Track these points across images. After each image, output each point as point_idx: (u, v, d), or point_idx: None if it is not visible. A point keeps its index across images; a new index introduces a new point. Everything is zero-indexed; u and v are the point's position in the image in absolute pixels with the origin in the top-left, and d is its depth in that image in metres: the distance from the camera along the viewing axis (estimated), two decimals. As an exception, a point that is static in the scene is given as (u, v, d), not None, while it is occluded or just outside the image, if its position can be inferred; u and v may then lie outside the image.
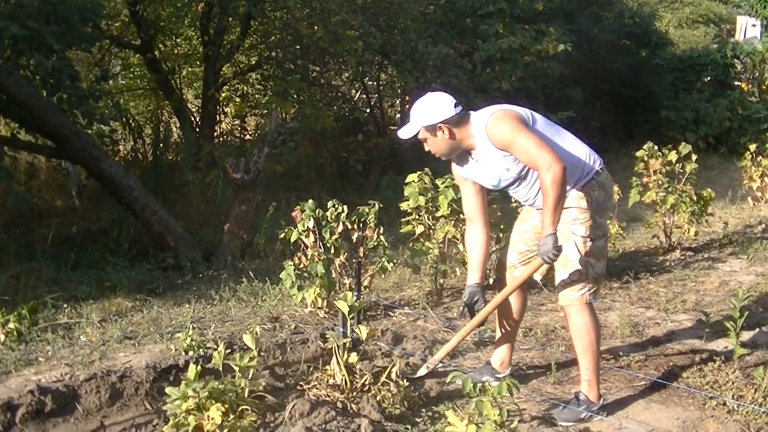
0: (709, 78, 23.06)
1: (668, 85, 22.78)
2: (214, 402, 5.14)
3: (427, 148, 5.86)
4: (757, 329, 7.67)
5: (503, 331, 6.40)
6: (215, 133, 17.84)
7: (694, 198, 10.60)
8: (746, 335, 7.16)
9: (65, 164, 14.01)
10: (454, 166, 6.07)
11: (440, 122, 5.62)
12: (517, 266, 6.14)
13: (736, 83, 23.04)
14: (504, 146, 5.48)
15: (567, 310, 5.82)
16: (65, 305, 8.34)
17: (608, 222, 5.76)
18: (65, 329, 7.70)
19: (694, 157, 10.87)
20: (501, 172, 5.68)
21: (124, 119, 16.39)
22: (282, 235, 8.22)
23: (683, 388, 6.22)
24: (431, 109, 5.67)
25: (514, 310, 6.32)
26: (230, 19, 16.46)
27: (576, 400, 5.84)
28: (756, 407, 5.75)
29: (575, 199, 5.60)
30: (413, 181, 8.76)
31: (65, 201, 14.26)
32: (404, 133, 5.82)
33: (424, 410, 5.79)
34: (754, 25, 30.25)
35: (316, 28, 16.44)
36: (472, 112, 5.72)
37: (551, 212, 5.29)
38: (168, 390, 5.39)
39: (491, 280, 7.71)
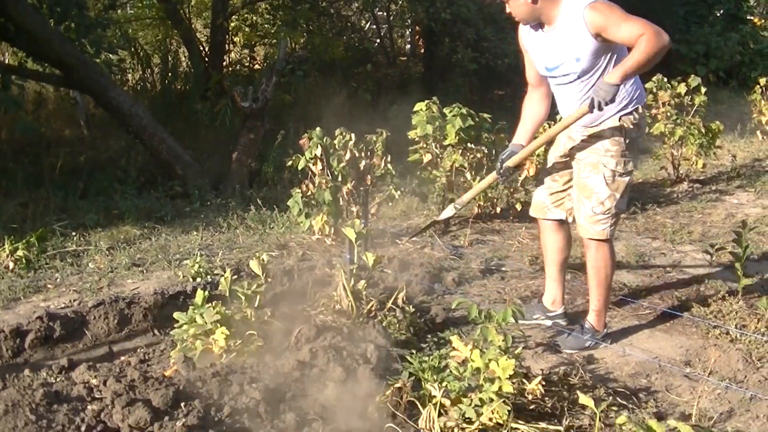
0: (721, 12, 22.79)
1: (680, 19, 22.50)
2: (219, 326, 5.19)
3: (508, 10, 5.60)
4: (763, 261, 7.69)
5: (551, 269, 6.31)
6: (224, 63, 17.73)
7: (703, 130, 10.56)
8: (751, 266, 7.17)
9: (73, 94, 13.95)
10: (522, 34, 5.84)
11: None
12: (551, 208, 6.06)
13: (749, 17, 22.81)
14: (603, 29, 5.22)
15: (588, 243, 5.78)
16: (73, 233, 8.36)
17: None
18: (73, 257, 7.75)
19: (703, 89, 10.80)
20: (569, 58, 5.46)
21: (133, 49, 16.32)
22: (290, 163, 8.22)
23: (687, 318, 6.25)
24: None
25: (558, 247, 6.20)
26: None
27: (581, 329, 5.88)
28: (758, 336, 5.78)
29: (611, 129, 5.52)
30: (421, 109, 8.74)
31: (73, 130, 14.22)
32: None
33: (429, 336, 5.83)
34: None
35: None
36: None
37: (633, 66, 5.08)
38: (176, 315, 5.45)
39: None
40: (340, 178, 7.98)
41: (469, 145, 8.71)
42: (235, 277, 5.78)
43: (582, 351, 5.74)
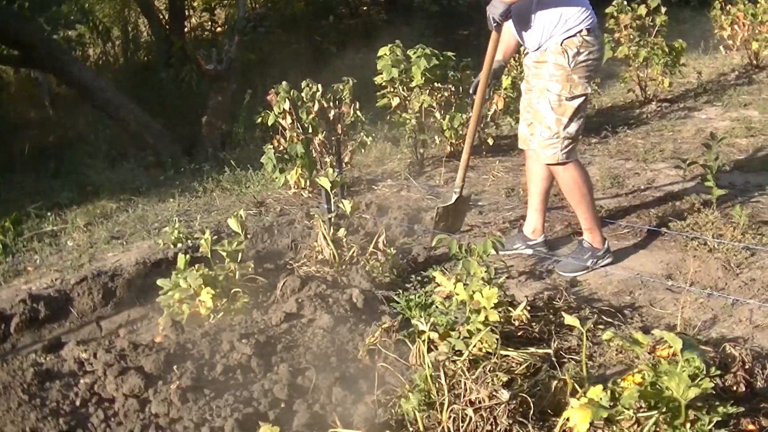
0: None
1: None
2: (204, 287, 5.21)
3: None
4: (734, 171, 7.76)
5: (533, 198, 6.36)
6: (185, 29, 17.63)
7: (666, 50, 10.58)
8: (723, 177, 7.22)
9: (35, 74, 13.90)
10: None
11: None
12: (529, 137, 6.05)
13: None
14: None
15: (551, 169, 5.85)
16: (49, 213, 8.38)
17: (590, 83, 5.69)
18: (51, 237, 7.76)
19: (663, 9, 10.81)
20: None
21: (91, 23, 16.21)
22: (259, 120, 8.21)
23: (665, 233, 6.32)
24: None
25: (542, 176, 6.21)
26: None
27: (580, 247, 5.95)
28: (735, 243, 5.85)
29: (553, 53, 5.54)
30: (385, 54, 8.71)
31: (39, 111, 14.19)
32: None
33: (413, 276, 5.85)
34: None
35: None
36: None
37: None
38: (159, 282, 5.45)
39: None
40: (310, 130, 7.99)
41: (435, 84, 8.70)
42: (216, 237, 5.78)
43: (583, 273, 5.83)
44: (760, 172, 7.70)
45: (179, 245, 6.78)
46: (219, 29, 18.88)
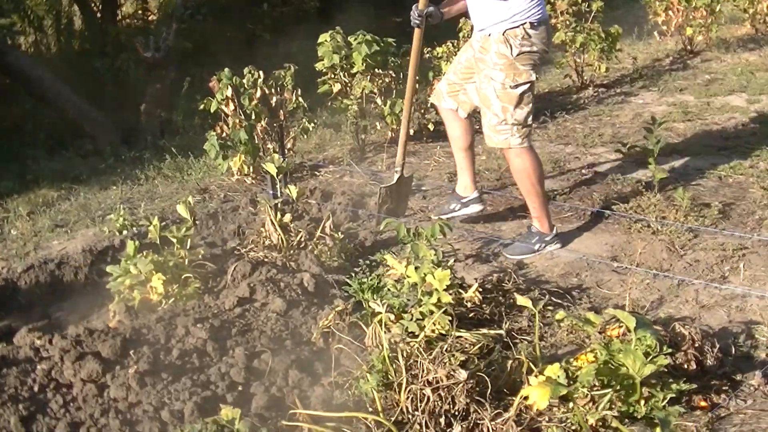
0: None
1: None
2: (155, 273, 5.22)
3: None
4: (673, 154, 7.88)
5: (457, 156, 6.55)
6: (117, 18, 17.49)
7: (603, 35, 10.71)
8: (662, 161, 7.32)
9: (-36, 64, 13.73)
10: None
11: None
12: (444, 97, 6.29)
13: None
14: None
15: (504, 153, 5.97)
16: (-11, 202, 8.30)
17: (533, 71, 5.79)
18: (-7, 226, 7.70)
19: (599, -5, 10.96)
20: None
21: (22, 12, 16.01)
22: (201, 107, 8.19)
23: (609, 215, 6.42)
24: None
25: (457, 134, 6.42)
26: None
27: (528, 232, 6.04)
28: (679, 225, 5.97)
29: (496, 42, 5.63)
30: (326, 40, 8.73)
31: (-32, 101, 14.03)
32: None
33: (361, 260, 5.89)
34: None
35: None
36: None
37: None
38: (109, 269, 5.44)
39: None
40: (253, 117, 7.99)
41: (376, 70, 8.74)
42: (163, 224, 5.78)
43: (530, 255, 5.91)
44: (698, 155, 7.84)
45: (125, 232, 6.75)
46: (151, 17, 18.77)
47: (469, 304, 4.80)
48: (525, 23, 5.58)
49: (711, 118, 9.17)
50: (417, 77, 6.57)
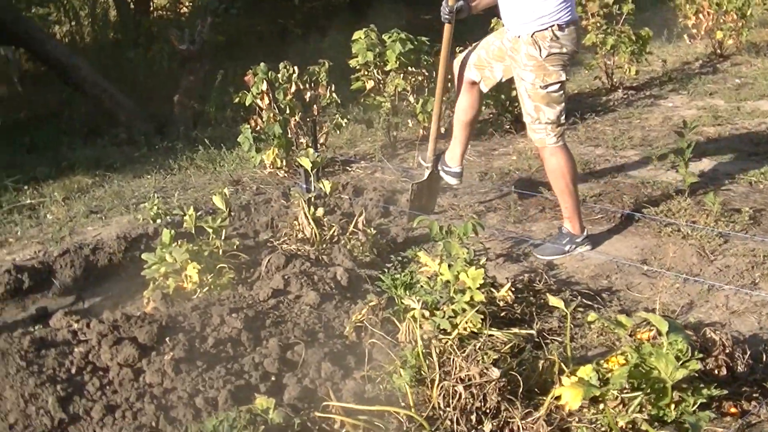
0: None
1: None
2: (190, 262, 5.29)
3: None
4: (703, 159, 7.90)
5: (456, 127, 6.66)
6: (150, 9, 17.60)
7: (633, 38, 10.72)
8: (693, 166, 7.34)
9: (4, 51, 13.84)
10: None
11: None
12: (470, 67, 6.32)
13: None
14: None
15: (540, 152, 6.05)
16: (26, 187, 8.40)
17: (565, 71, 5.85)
18: (30, 210, 7.79)
19: (630, -3, 10.99)
20: None
21: (58, 2, 16.14)
22: (236, 100, 8.26)
23: (639, 218, 6.45)
24: None
25: (464, 107, 6.52)
26: None
27: (559, 233, 6.09)
28: (709, 230, 5.99)
29: (525, 44, 5.69)
30: (360, 37, 8.78)
31: (8, 88, 14.13)
32: None
33: (393, 256, 5.94)
34: None
35: None
36: None
37: None
38: (144, 256, 5.52)
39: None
40: (287, 111, 8.06)
41: (409, 68, 8.79)
42: (198, 214, 5.85)
43: (562, 256, 5.96)
44: (728, 160, 7.84)
45: (158, 221, 6.83)
46: (184, 10, 18.86)
47: (501, 303, 4.84)
48: (553, 25, 5.63)
49: (741, 122, 9.18)
50: (448, 75, 6.62)
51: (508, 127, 9.40)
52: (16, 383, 4.10)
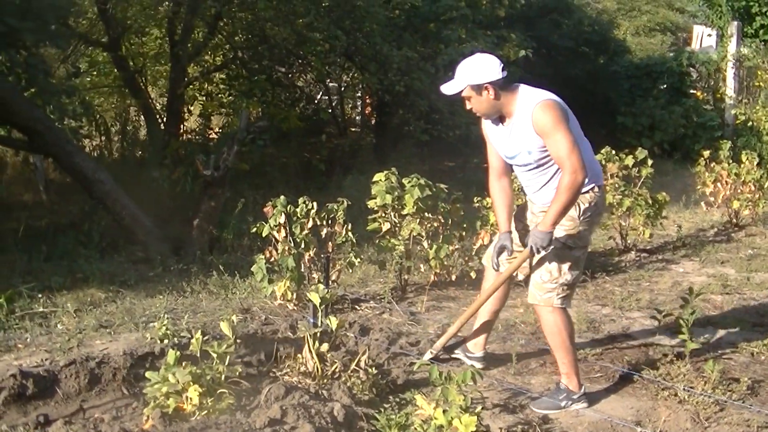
0: (665, 85, 23.02)
1: (625, 92, 22.92)
2: (192, 384, 5.39)
3: (469, 106, 5.96)
4: (708, 326, 8.00)
5: (484, 316, 6.69)
6: (180, 132, 17.95)
7: (650, 201, 10.91)
8: (697, 332, 7.41)
9: (33, 159, 14.15)
10: (484, 125, 6.22)
11: (487, 83, 5.74)
12: (503, 262, 6.32)
13: (691, 91, 23.13)
14: (541, 133, 5.65)
15: (536, 309, 6.14)
16: (40, 295, 8.50)
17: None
18: (41, 318, 7.88)
19: (649, 161, 11.18)
20: (523, 150, 5.85)
21: (91, 117, 16.48)
22: (253, 230, 8.44)
23: (637, 379, 6.53)
24: (479, 69, 5.77)
25: (500, 297, 6.59)
26: (198, 19, 16.46)
27: (557, 388, 6.15)
28: (706, 396, 6.06)
29: None
30: (380, 179, 8.96)
31: (33, 195, 14.40)
32: (448, 89, 5.92)
33: (391, 397, 6.03)
34: (709, 35, 30.36)
35: (281, 29, 16.52)
36: (522, 85, 5.88)
37: (557, 212, 5.60)
38: (148, 374, 5.62)
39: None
40: (302, 245, 8.23)
41: (426, 214, 8.95)
42: (205, 338, 5.97)
43: (556, 411, 6.00)
44: (732, 330, 7.93)
45: (166, 341, 6.93)
46: (213, 135, 19.20)
47: (491, 452, 4.92)
48: (594, 187, 5.81)
49: (749, 293, 9.32)
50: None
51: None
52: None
